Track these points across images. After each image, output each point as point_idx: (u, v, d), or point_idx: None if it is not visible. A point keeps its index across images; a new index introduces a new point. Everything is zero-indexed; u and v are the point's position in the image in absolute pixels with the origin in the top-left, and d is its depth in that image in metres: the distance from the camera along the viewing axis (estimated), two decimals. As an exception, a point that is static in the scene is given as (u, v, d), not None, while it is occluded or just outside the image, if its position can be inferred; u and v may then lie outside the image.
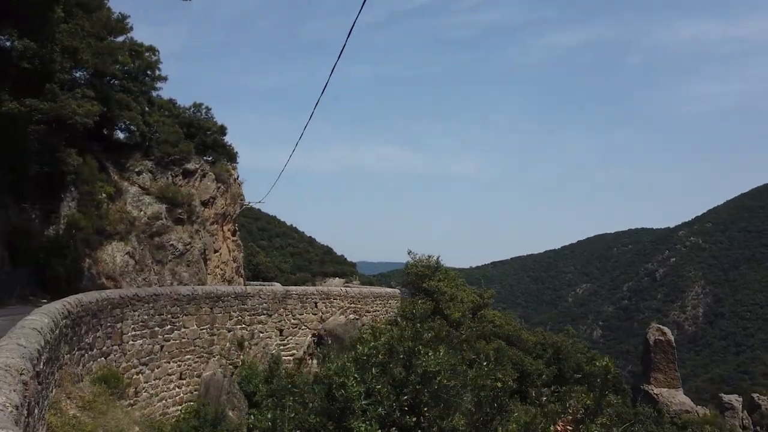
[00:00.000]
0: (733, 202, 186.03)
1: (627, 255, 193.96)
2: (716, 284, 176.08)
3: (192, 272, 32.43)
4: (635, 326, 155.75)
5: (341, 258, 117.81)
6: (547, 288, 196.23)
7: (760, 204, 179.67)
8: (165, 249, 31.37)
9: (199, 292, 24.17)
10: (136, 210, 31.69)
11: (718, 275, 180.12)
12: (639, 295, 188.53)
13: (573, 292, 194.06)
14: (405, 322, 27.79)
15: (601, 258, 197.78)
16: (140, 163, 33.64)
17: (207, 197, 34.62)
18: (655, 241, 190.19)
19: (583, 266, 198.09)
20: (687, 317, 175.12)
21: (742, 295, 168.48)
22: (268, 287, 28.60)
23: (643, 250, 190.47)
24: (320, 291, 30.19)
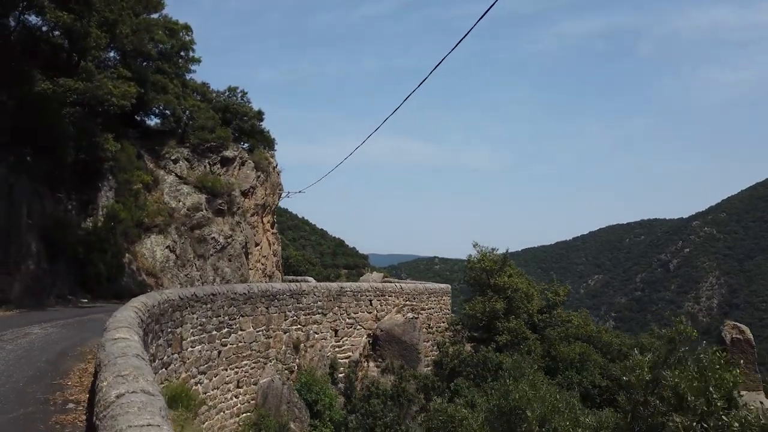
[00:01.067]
0: (748, 191, 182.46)
1: (640, 246, 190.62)
2: (731, 275, 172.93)
3: (234, 267, 29.97)
4: (648, 317, 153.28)
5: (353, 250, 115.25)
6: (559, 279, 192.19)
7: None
8: (206, 242, 28.89)
9: (255, 291, 21.71)
10: (174, 201, 29.19)
11: (733, 266, 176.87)
12: (652, 287, 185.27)
13: (585, 284, 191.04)
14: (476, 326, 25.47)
15: (613, 249, 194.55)
16: (176, 150, 31.09)
17: (247, 187, 32.09)
18: (668, 232, 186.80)
19: (595, 257, 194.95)
20: (701, 308, 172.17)
21: (758, 286, 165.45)
22: (322, 284, 26.10)
23: (656, 241, 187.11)
24: (374, 288, 27.69)
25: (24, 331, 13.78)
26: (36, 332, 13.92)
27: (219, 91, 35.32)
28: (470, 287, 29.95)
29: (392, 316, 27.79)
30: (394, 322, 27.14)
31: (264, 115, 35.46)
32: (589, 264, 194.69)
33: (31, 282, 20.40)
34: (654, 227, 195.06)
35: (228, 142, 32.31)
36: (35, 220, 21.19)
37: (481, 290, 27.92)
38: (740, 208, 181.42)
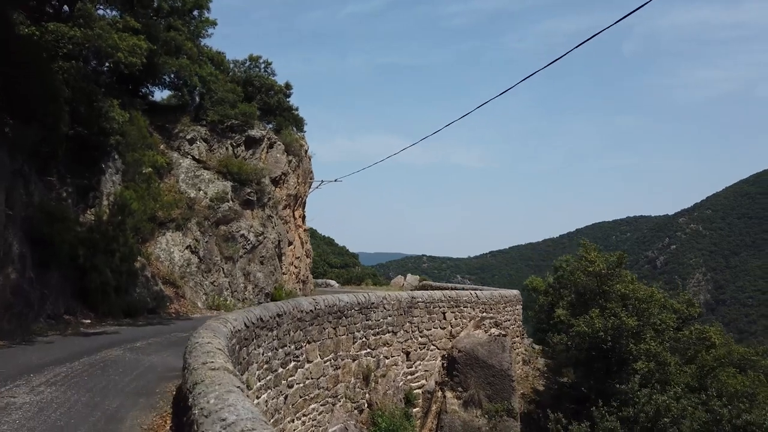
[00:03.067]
0: (733, 188, 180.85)
1: (626, 243, 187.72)
2: (717, 271, 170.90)
3: (267, 272, 23.70)
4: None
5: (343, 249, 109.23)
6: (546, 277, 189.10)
7: (759, 190, 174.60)
8: (235, 241, 22.58)
9: (321, 306, 15.72)
10: (192, 189, 22.83)
11: (719, 262, 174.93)
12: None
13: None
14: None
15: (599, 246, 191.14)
16: (191, 128, 24.70)
17: (278, 173, 25.82)
18: (655, 229, 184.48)
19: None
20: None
21: (744, 282, 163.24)
22: (392, 294, 20.02)
23: (642, 238, 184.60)
24: (448, 297, 21.71)
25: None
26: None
27: (238, 60, 28.93)
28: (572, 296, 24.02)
29: (470, 331, 21.82)
30: (476, 340, 21.17)
31: (292, 90, 29.24)
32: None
33: (12, 297, 14.00)
34: (640, 224, 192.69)
35: (254, 119, 26.00)
36: (18, 211, 14.78)
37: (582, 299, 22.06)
38: (725, 205, 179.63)
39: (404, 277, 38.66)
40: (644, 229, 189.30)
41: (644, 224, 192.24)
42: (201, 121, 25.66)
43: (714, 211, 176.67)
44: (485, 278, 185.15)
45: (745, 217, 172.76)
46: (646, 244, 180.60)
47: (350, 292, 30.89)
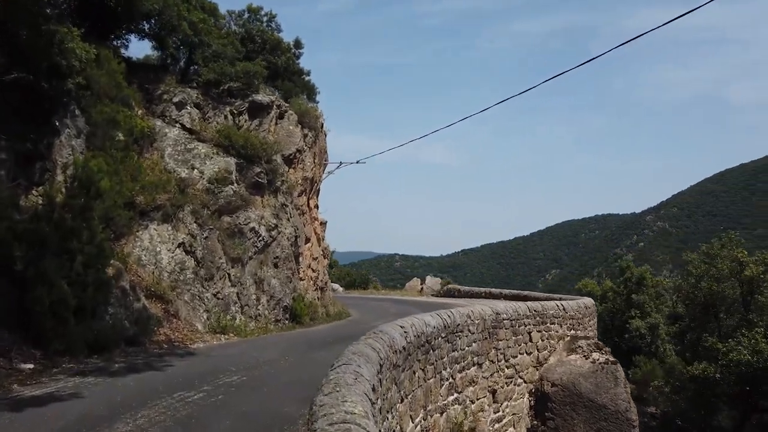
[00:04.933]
0: (698, 186, 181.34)
1: (595, 240, 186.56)
2: (683, 267, 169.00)
3: (283, 278, 17.43)
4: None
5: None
6: (518, 274, 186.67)
7: (723, 188, 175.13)
8: (243, 237, 16.25)
9: (411, 338, 9.89)
10: (184, 167, 16.43)
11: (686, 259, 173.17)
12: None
13: (543, 278, 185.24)
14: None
15: (569, 244, 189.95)
16: (179, 90, 18.25)
17: (292, 150, 19.53)
18: (623, 227, 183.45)
19: (553, 252, 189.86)
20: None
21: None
22: (476, 309, 13.94)
23: (611, 236, 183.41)
24: (533, 310, 15.82)
25: None
26: None
27: (234, 12, 22.45)
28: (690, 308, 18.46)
29: (561, 357, 16.01)
30: (575, 369, 15.35)
31: (303, 49, 22.92)
32: (547, 259, 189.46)
33: None
34: (609, 222, 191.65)
35: (259, 81, 19.67)
36: None
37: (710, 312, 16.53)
38: (691, 203, 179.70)
39: (421, 280, 32.80)
40: (612, 227, 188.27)
41: (612, 222, 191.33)
42: (191, 83, 19.23)
43: (680, 209, 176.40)
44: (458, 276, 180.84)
45: (710, 214, 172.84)
46: (614, 241, 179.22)
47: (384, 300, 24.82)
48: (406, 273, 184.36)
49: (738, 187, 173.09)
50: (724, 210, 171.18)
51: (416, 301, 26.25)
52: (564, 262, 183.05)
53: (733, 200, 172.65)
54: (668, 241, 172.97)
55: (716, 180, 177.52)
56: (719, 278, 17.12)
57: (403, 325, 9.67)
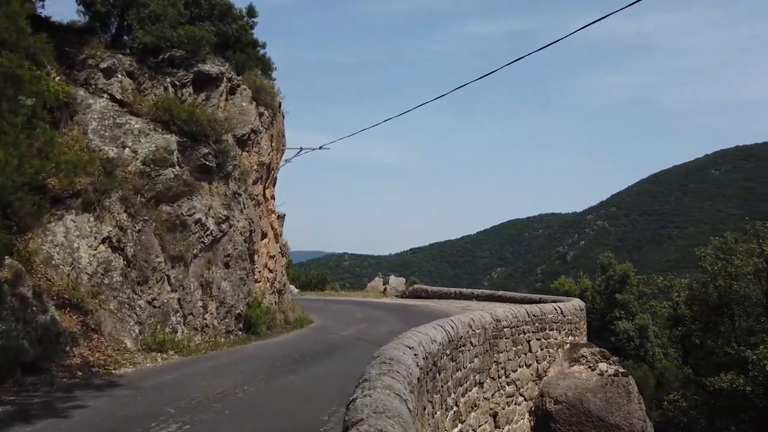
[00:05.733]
0: (635, 187, 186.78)
1: (539, 239, 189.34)
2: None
3: (235, 280, 14.38)
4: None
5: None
6: (465, 273, 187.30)
7: (658, 189, 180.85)
8: (186, 230, 13.13)
9: (420, 359, 6.99)
10: (113, 145, 13.20)
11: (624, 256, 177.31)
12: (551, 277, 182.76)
13: (489, 276, 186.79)
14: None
15: (514, 242, 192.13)
16: (108, 55, 14.91)
17: (246, 130, 16.44)
18: (565, 225, 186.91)
19: (498, 251, 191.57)
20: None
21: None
22: (476, 316, 11.31)
23: (553, 234, 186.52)
24: (531, 314, 13.40)
25: None
26: None
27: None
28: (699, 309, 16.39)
29: (563, 368, 13.68)
30: (580, 383, 13.04)
31: (257, 18, 19.81)
32: (492, 257, 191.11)
33: None
34: (551, 221, 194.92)
35: (206, 49, 16.51)
36: None
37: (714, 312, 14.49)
38: (628, 203, 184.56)
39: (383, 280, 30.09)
40: (555, 225, 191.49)
41: (555, 221, 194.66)
42: (124, 49, 15.90)
43: (618, 208, 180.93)
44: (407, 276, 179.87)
45: (646, 214, 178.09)
46: (557, 240, 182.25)
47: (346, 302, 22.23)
48: (355, 272, 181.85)
49: (672, 188, 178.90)
50: (659, 209, 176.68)
51: (382, 303, 23.61)
52: (509, 261, 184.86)
53: (667, 200, 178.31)
54: (607, 240, 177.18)
55: (651, 181, 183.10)
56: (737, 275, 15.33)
57: (411, 345, 6.95)
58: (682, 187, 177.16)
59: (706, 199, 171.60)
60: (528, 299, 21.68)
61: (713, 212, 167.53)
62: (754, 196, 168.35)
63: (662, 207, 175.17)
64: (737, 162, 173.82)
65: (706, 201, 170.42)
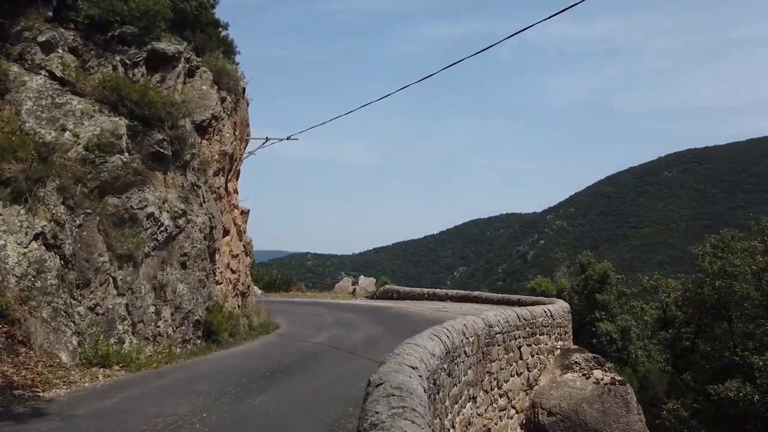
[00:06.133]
0: (592, 188, 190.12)
1: (500, 239, 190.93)
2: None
3: (193, 282, 12.70)
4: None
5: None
6: (428, 272, 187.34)
7: (614, 190, 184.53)
8: (137, 225, 11.41)
9: (425, 379, 5.44)
10: (50, 127, 11.38)
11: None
12: (512, 276, 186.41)
13: (451, 275, 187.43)
14: None
15: (476, 242, 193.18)
16: (48, 28, 13.03)
17: (206, 116, 14.74)
18: (525, 225, 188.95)
19: (460, 250, 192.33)
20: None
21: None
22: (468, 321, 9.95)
23: (514, 234, 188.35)
24: (522, 318, 12.17)
25: None
26: None
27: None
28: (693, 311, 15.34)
29: (555, 376, 12.51)
30: (576, 393, 11.90)
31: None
32: (455, 256, 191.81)
33: None
34: (512, 221, 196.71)
35: (160, 26, 14.73)
36: None
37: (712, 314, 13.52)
38: (586, 203, 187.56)
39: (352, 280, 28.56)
40: (516, 225, 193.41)
41: (516, 221, 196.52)
42: (68, 23, 14.00)
43: (576, 209, 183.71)
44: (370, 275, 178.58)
45: (602, 214, 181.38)
46: (517, 239, 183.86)
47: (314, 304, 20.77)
48: (318, 272, 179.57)
49: (627, 188, 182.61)
50: (615, 210, 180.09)
51: (352, 305, 22.12)
52: (471, 260, 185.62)
53: (622, 201, 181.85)
54: (566, 239, 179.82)
55: (608, 182, 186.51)
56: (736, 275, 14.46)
57: (414, 365, 5.55)
58: (637, 188, 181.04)
59: (660, 199, 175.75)
60: (506, 300, 20.58)
61: (666, 213, 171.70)
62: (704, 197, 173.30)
63: (618, 207, 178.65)
64: (689, 164, 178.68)
65: (660, 202, 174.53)
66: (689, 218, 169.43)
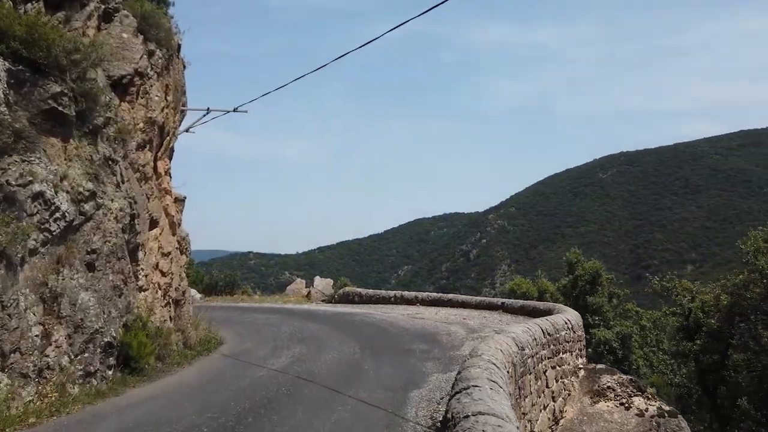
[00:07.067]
0: (532, 188, 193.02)
1: (444, 238, 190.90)
2: (519, 262, 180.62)
3: (105, 290, 9.03)
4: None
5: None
6: (372, 271, 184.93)
7: (552, 190, 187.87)
8: (17, 209, 7.68)
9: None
10: None
11: (521, 254, 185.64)
12: (455, 275, 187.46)
13: (396, 274, 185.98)
14: None
15: (420, 241, 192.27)
16: None
17: (128, 71, 11.06)
18: (468, 224, 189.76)
19: (405, 249, 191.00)
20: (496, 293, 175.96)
21: (540, 272, 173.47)
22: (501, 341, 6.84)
23: (457, 233, 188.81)
24: (547, 333, 9.18)
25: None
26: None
27: None
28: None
29: (583, 404, 9.63)
30: (615, 428, 9.00)
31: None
32: (399, 256, 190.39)
33: None
34: (456, 220, 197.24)
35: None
36: None
37: None
38: (525, 203, 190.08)
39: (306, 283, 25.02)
40: (459, 224, 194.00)
41: (459, 220, 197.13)
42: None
43: (517, 208, 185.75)
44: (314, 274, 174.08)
45: (541, 214, 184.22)
46: (460, 238, 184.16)
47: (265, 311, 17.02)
48: (260, 271, 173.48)
49: (564, 189, 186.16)
50: (553, 210, 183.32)
51: (310, 311, 18.67)
52: (415, 259, 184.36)
53: (560, 201, 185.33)
54: (506, 238, 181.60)
55: (546, 183, 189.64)
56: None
57: None
58: (573, 189, 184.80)
59: (595, 200, 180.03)
60: (487, 304, 17.71)
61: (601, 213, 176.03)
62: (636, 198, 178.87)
63: (556, 208, 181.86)
64: (622, 167, 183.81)
65: (595, 202, 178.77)
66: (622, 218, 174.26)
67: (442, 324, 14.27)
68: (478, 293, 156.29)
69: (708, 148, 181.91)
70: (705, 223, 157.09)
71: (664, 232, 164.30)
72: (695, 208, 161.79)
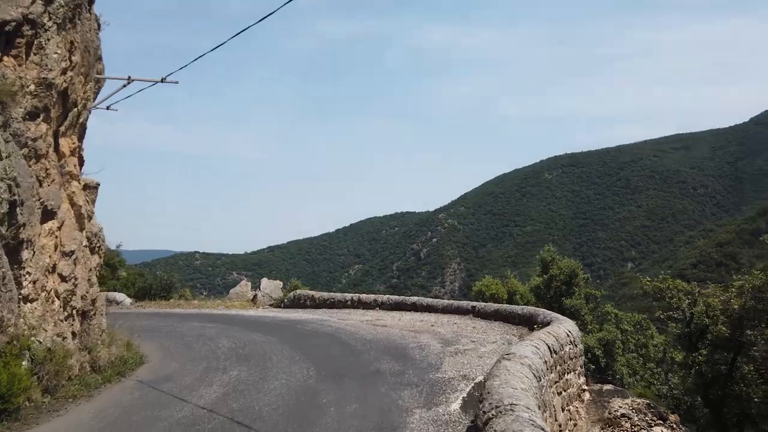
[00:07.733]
0: (481, 188, 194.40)
1: (395, 237, 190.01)
2: (469, 260, 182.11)
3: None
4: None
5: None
6: (323, 270, 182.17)
7: (501, 190, 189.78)
8: None
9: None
10: None
11: (471, 253, 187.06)
12: (406, 274, 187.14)
13: (347, 273, 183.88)
14: None
15: (371, 240, 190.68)
16: None
17: (12, 16, 8.42)
18: (419, 224, 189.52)
19: (356, 248, 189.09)
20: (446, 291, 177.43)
21: (489, 270, 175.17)
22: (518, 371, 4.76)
23: (409, 232, 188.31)
24: (553, 352, 7.16)
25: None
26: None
27: None
28: None
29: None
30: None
31: None
32: (350, 254, 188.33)
33: None
34: (407, 219, 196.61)
35: None
36: None
37: None
38: (475, 203, 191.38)
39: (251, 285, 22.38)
40: (410, 224, 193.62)
41: (410, 219, 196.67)
42: None
43: (466, 208, 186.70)
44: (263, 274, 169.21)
45: (490, 213, 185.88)
46: (411, 237, 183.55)
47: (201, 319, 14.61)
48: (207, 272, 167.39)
49: (512, 189, 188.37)
50: (501, 209, 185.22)
51: (255, 319, 16.14)
52: (366, 258, 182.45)
53: (508, 201, 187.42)
54: (456, 237, 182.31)
55: (496, 182, 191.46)
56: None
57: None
58: (521, 188, 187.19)
59: (541, 200, 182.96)
60: (455, 308, 15.71)
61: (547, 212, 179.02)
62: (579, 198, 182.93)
63: (504, 207, 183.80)
64: (566, 168, 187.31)
65: (541, 202, 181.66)
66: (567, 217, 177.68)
67: (409, 333, 12.15)
68: (429, 292, 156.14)
69: (647, 151, 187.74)
70: (644, 222, 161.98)
71: (606, 231, 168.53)
72: (635, 207, 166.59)
